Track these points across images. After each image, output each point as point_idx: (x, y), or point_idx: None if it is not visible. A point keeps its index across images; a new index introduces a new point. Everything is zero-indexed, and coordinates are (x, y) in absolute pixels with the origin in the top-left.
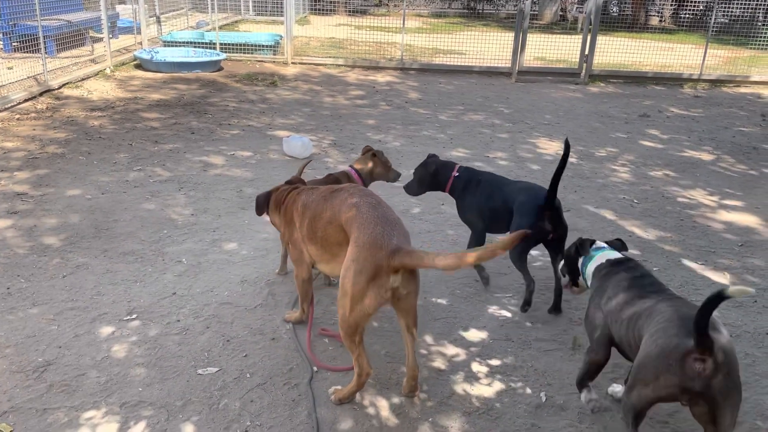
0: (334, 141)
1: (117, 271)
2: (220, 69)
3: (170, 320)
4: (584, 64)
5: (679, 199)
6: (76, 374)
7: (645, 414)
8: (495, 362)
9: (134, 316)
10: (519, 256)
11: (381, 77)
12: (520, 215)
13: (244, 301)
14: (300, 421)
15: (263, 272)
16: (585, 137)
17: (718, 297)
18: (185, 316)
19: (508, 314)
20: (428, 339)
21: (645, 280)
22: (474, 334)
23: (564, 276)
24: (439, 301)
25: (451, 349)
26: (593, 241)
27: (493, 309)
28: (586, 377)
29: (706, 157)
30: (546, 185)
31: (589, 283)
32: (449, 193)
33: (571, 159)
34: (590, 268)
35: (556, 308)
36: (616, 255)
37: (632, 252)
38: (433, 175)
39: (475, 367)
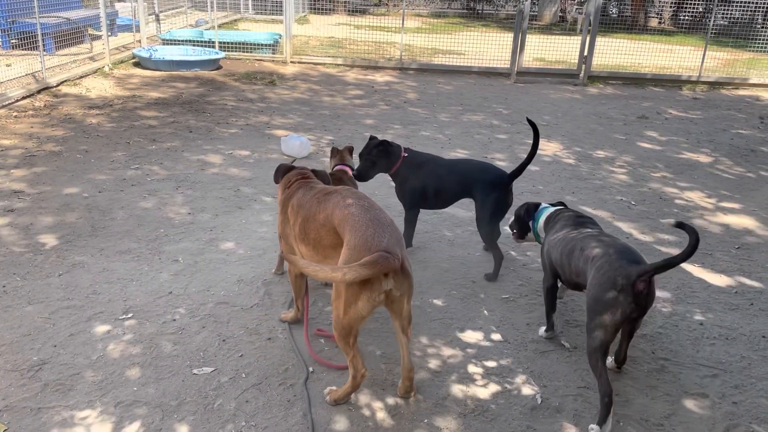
0: (332, 140)
1: (113, 270)
2: (219, 68)
3: (166, 319)
4: (583, 65)
5: (677, 201)
6: (71, 373)
7: (608, 352)
8: (491, 364)
9: (130, 315)
10: (492, 232)
11: (380, 77)
12: (489, 190)
13: (240, 301)
14: (295, 421)
15: (260, 272)
16: (583, 138)
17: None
18: (181, 316)
19: (505, 315)
20: (424, 340)
21: (580, 219)
22: (470, 335)
23: (513, 231)
24: (436, 301)
25: (446, 351)
26: (538, 204)
27: (489, 310)
28: (549, 307)
29: (704, 159)
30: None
31: (541, 236)
32: (392, 175)
33: (569, 160)
34: (540, 223)
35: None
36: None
37: None
38: (386, 156)
39: (471, 368)
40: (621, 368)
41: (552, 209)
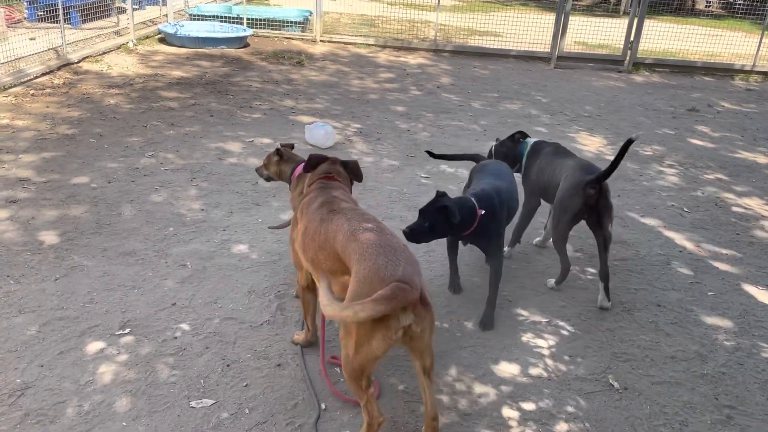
0: (359, 129)
1: (114, 275)
2: (246, 45)
3: (166, 337)
4: (629, 51)
5: (734, 209)
6: (55, 401)
7: (567, 238)
8: (528, 406)
9: (127, 330)
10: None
11: (413, 59)
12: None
13: (249, 316)
14: None
15: (274, 281)
16: (629, 132)
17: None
18: (183, 333)
19: (544, 344)
20: (453, 372)
21: (559, 149)
22: (505, 368)
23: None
24: (467, 324)
25: (478, 387)
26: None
27: (527, 336)
28: (522, 226)
29: (762, 159)
30: None
31: (523, 161)
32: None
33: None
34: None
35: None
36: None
37: (683, 271)
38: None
39: (506, 411)
40: (608, 286)
41: (533, 140)
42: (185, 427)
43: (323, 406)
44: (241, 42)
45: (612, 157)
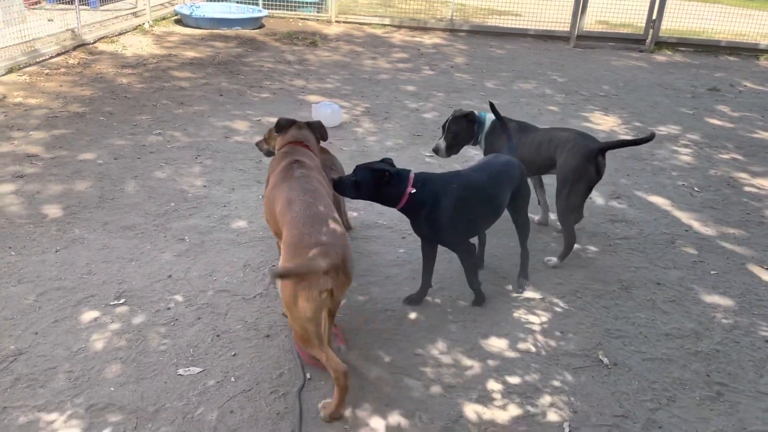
0: (367, 109)
1: (113, 248)
2: (262, 26)
3: (160, 307)
4: (651, 30)
5: (747, 189)
6: (47, 367)
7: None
8: (514, 380)
9: (122, 300)
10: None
11: (428, 39)
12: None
13: (243, 289)
14: None
15: (269, 256)
16: (645, 112)
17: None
18: (176, 304)
19: (536, 320)
20: (440, 346)
21: (524, 124)
22: (493, 343)
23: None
24: (459, 301)
25: (465, 361)
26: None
27: (519, 313)
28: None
29: None
30: None
31: (481, 138)
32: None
33: (627, 137)
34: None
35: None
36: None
37: (688, 250)
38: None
39: (491, 384)
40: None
41: (492, 118)
42: (171, 393)
43: (308, 375)
44: (256, 23)
45: (623, 137)
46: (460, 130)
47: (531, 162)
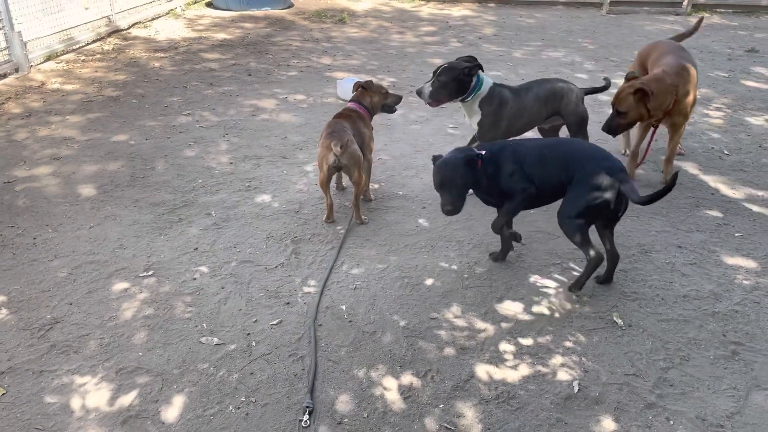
0: (393, 83)
1: (144, 223)
2: (291, 6)
3: (186, 278)
4: None
5: None
6: (80, 334)
7: None
8: (526, 341)
9: (151, 272)
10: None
11: (456, 11)
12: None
13: (265, 260)
14: (297, 399)
15: (291, 228)
16: None
17: None
18: (202, 275)
19: (552, 284)
20: (455, 310)
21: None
22: (508, 307)
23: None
24: (476, 267)
25: (479, 324)
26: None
27: (535, 277)
28: None
29: None
30: None
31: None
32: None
33: None
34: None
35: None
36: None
37: (712, 213)
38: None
39: (503, 346)
40: None
41: (491, 83)
42: (196, 357)
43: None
44: (285, 2)
45: None
46: (449, 80)
47: (538, 115)
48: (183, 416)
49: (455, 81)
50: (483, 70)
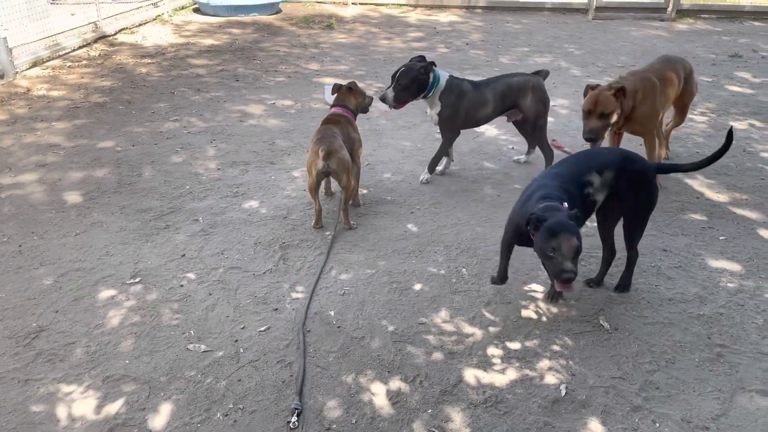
0: (381, 89)
1: (130, 230)
2: (279, 12)
3: (173, 285)
4: None
5: (763, 155)
6: (66, 342)
7: None
8: (514, 345)
9: (138, 279)
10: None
11: (444, 17)
12: None
13: (253, 266)
14: (285, 406)
15: (279, 234)
16: None
17: None
18: (189, 282)
19: (539, 288)
20: (443, 315)
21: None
22: (496, 311)
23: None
24: (464, 271)
25: (467, 328)
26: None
27: (523, 282)
28: (439, 158)
29: None
30: None
31: (436, 91)
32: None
33: None
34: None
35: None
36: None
37: (697, 217)
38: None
39: (491, 350)
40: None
41: (447, 75)
42: (183, 364)
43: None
44: (273, 8)
45: None
46: (409, 82)
47: (495, 108)
48: (170, 424)
49: (414, 81)
50: (436, 66)
